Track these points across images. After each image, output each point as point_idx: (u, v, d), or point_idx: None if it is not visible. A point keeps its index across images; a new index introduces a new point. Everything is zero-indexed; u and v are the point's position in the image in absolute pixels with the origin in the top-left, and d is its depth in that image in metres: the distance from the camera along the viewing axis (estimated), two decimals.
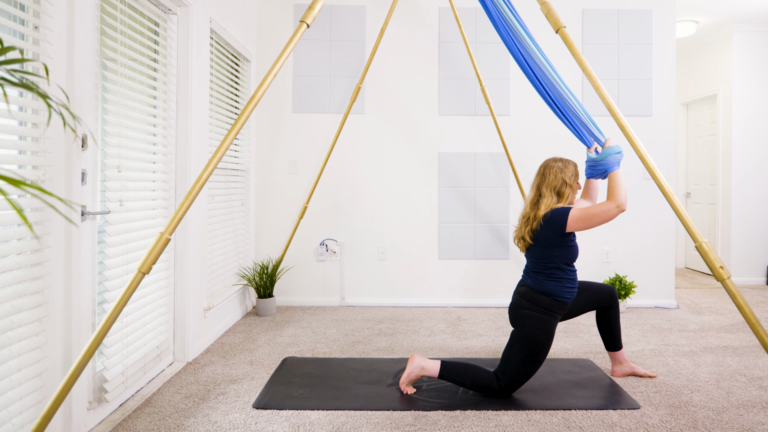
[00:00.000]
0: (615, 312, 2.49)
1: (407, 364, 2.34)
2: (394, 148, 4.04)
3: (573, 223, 2.16)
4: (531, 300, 2.23)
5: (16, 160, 1.59)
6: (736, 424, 2.04)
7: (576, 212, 2.16)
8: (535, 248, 2.25)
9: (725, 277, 1.79)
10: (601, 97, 2.03)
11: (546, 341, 2.19)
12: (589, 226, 2.16)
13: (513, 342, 2.23)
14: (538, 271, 2.25)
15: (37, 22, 1.66)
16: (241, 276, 3.64)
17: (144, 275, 1.64)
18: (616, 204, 2.13)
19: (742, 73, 5.00)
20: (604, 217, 2.13)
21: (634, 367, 2.53)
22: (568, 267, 2.26)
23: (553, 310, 2.22)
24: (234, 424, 2.01)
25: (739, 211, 5.00)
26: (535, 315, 2.20)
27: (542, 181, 2.27)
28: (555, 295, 2.22)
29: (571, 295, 2.26)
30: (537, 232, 2.21)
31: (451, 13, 3.95)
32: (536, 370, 2.22)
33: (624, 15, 4.04)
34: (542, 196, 2.24)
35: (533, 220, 2.22)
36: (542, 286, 2.23)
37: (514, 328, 2.27)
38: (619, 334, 2.52)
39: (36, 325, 1.66)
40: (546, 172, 2.27)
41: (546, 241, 2.21)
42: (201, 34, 2.85)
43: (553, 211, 2.19)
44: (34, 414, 1.64)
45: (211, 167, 1.79)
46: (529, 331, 2.19)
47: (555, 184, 2.24)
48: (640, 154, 1.95)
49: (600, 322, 2.52)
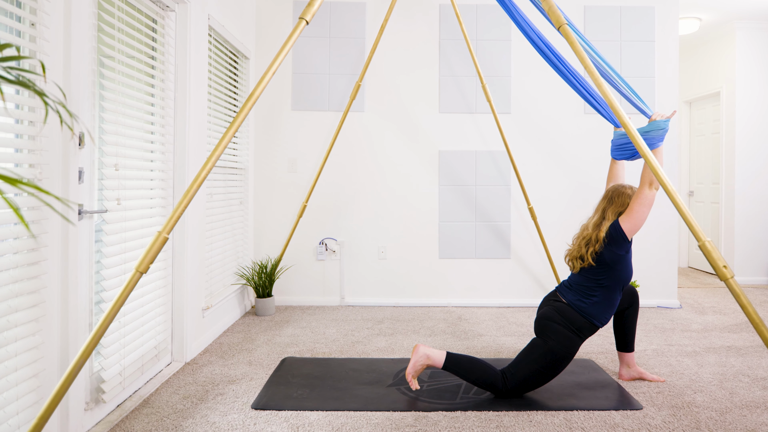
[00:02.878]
0: (634, 311, 2.47)
1: (412, 354, 2.31)
2: (394, 146, 4.02)
3: (627, 226, 2.18)
4: (564, 316, 2.21)
5: (12, 158, 1.58)
6: (740, 424, 2.02)
7: (623, 217, 2.20)
8: (595, 269, 2.23)
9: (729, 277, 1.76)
10: (603, 94, 2.00)
11: (566, 358, 2.17)
12: (640, 219, 2.16)
13: (532, 349, 2.20)
14: (585, 292, 2.23)
15: (34, 19, 1.64)
16: (240, 275, 3.62)
17: (142, 275, 1.63)
18: (648, 183, 2.13)
19: (745, 70, 4.97)
20: (645, 202, 2.14)
21: (642, 372, 2.49)
22: (619, 291, 2.25)
23: (584, 331, 2.20)
24: (232, 424, 2.00)
25: (743, 209, 4.97)
26: (564, 332, 2.18)
27: (609, 205, 2.28)
28: (593, 318, 2.20)
29: (606, 321, 2.24)
30: (601, 253, 2.21)
31: (452, 9, 3.92)
32: (547, 383, 2.20)
33: (626, 12, 4.01)
34: (606, 219, 2.26)
35: (596, 242, 2.22)
36: (583, 306, 2.21)
37: (538, 335, 2.24)
38: (633, 335, 2.48)
39: (32, 325, 1.65)
40: (614, 197, 2.29)
41: (612, 258, 2.20)
42: (199, 31, 2.83)
43: (609, 230, 2.21)
44: (30, 415, 1.63)
45: (210, 165, 1.77)
46: (553, 345, 2.17)
47: (620, 209, 2.25)
48: (643, 153, 1.93)
49: (617, 319, 2.48)
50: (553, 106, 4.05)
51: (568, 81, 2.39)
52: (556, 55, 2.34)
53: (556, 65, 2.36)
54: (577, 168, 4.01)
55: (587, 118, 4.04)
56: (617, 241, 2.19)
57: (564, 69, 2.36)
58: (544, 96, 4.04)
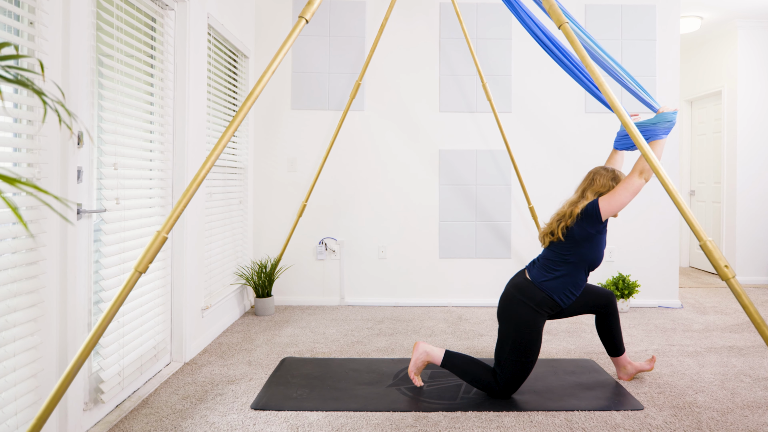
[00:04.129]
0: (614, 318, 2.44)
1: (412, 351, 2.36)
2: (394, 145, 4.01)
3: (605, 206, 2.17)
4: (524, 292, 2.21)
5: (11, 157, 1.57)
6: (741, 425, 2.01)
7: (604, 196, 2.19)
8: (563, 244, 2.22)
9: (730, 276, 1.75)
10: (604, 93, 1.99)
11: (534, 340, 2.16)
12: (620, 203, 2.15)
13: (502, 343, 2.21)
14: (549, 266, 2.23)
15: (33, 18, 1.63)
16: (239, 275, 3.62)
17: (141, 274, 1.62)
18: (639, 171, 2.12)
19: (747, 69, 4.95)
20: (631, 189, 2.13)
21: (637, 366, 2.48)
22: (584, 272, 2.25)
23: (543, 307, 2.19)
24: (232, 425, 1.99)
25: (744, 209, 4.95)
26: (523, 311, 2.17)
27: (589, 185, 2.29)
28: (552, 293, 2.20)
29: (568, 301, 2.24)
30: (571, 228, 2.20)
31: (452, 8, 3.91)
32: (530, 370, 2.19)
33: (627, 10, 3.99)
34: (584, 198, 2.26)
35: (569, 217, 2.22)
36: (544, 281, 2.21)
37: (500, 322, 2.24)
38: (620, 338, 2.46)
39: (31, 324, 1.64)
40: (596, 178, 2.29)
41: (581, 235, 2.19)
42: (198, 30, 2.82)
43: (586, 206, 2.21)
44: (29, 415, 1.63)
45: (209, 165, 1.76)
46: (515, 328, 2.17)
47: (601, 190, 2.25)
48: (644, 152, 1.92)
49: (600, 328, 2.46)
50: (554, 105, 4.03)
51: (574, 76, 2.39)
52: (562, 50, 2.33)
53: (561, 60, 2.35)
54: (579, 167, 4.00)
55: (588, 117, 4.03)
56: (590, 219, 2.18)
57: (570, 64, 2.35)
58: (545, 95, 4.03)
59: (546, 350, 2.90)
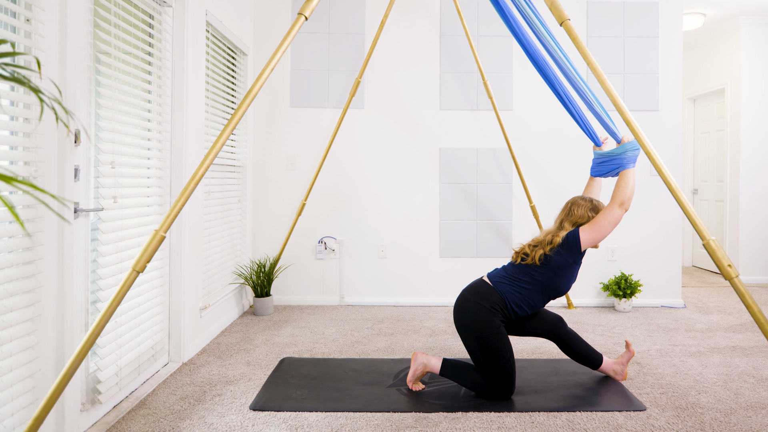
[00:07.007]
0: (571, 339, 2.40)
1: (411, 362, 2.35)
2: (394, 143, 3.99)
3: (585, 236, 2.18)
4: (479, 293, 2.22)
5: (7, 155, 1.56)
6: (744, 426, 1.99)
7: (585, 227, 2.21)
8: (536, 267, 2.21)
9: (733, 276, 1.73)
10: (606, 91, 1.97)
11: (499, 341, 2.15)
12: (601, 234, 2.18)
13: (473, 355, 2.20)
14: (514, 277, 2.23)
15: (29, 15, 1.62)
16: (238, 274, 3.60)
17: (138, 274, 1.61)
18: (618, 203, 2.16)
19: (750, 66, 4.92)
20: (611, 220, 2.16)
21: (621, 361, 2.43)
22: (545, 296, 2.24)
23: (496, 309, 2.19)
24: (230, 426, 1.98)
25: (748, 208, 4.92)
26: (479, 313, 2.17)
27: (567, 216, 2.30)
28: (508, 300, 2.20)
29: (520, 312, 2.23)
30: (549, 257, 2.20)
31: (453, 4, 3.89)
32: (513, 367, 2.18)
33: (630, 7, 3.97)
34: (562, 229, 2.26)
35: (547, 244, 2.21)
36: (501, 283, 2.22)
37: (460, 333, 2.23)
38: (589, 351, 2.42)
39: (28, 324, 1.63)
40: (573, 208, 2.31)
41: (558, 262, 2.19)
42: (197, 27, 2.80)
43: (566, 235, 2.22)
44: (26, 416, 1.62)
45: (207, 163, 1.75)
46: (477, 334, 2.16)
47: (579, 221, 2.26)
48: (647, 150, 1.90)
49: (565, 352, 2.42)
50: (555, 103, 4.01)
51: (559, 98, 2.38)
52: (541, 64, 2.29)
53: (551, 84, 2.34)
54: (580, 166, 3.98)
55: (591, 114, 4.00)
56: (570, 248, 2.19)
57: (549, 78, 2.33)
58: (547, 92, 4.00)
59: (547, 350, 2.88)
